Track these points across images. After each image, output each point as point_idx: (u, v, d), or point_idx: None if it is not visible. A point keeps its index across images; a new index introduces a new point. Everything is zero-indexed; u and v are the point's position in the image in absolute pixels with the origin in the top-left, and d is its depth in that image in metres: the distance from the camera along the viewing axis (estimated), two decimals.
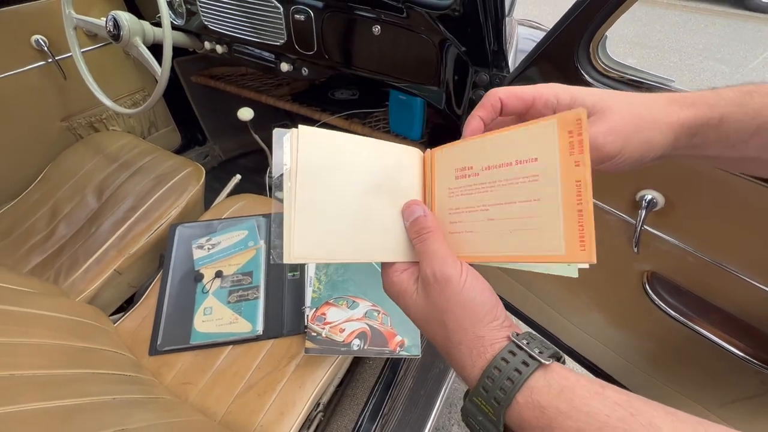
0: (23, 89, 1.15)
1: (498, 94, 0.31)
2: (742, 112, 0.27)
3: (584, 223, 0.24)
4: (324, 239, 0.29)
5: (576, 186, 0.24)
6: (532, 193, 0.26)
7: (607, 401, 0.23)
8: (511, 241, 0.27)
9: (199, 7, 1.07)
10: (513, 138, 0.28)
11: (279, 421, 0.71)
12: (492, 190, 0.28)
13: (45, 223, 1.08)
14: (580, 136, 0.25)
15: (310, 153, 0.29)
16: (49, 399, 0.47)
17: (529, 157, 0.27)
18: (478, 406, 0.27)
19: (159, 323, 0.84)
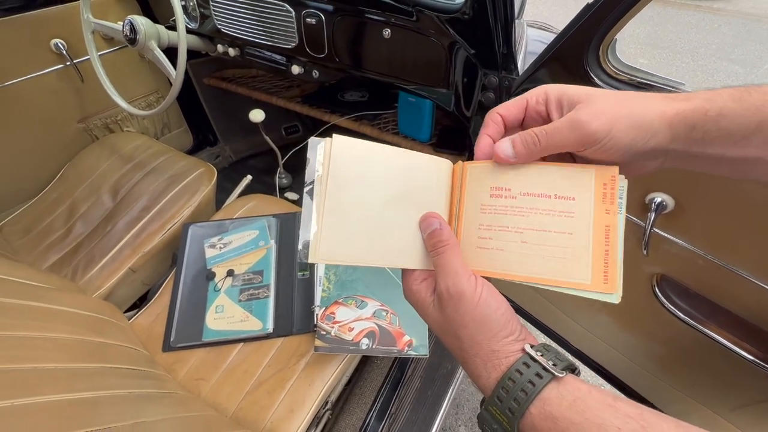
0: (43, 92, 1.18)
1: (497, 111, 0.32)
2: (741, 107, 0.27)
3: (609, 261, 0.28)
4: (348, 243, 0.31)
5: (605, 230, 0.29)
6: (567, 227, 0.30)
7: (619, 413, 0.24)
8: (543, 264, 0.30)
9: (213, 10, 1.09)
10: (554, 173, 0.30)
11: (288, 418, 0.73)
12: (529, 215, 0.30)
13: (62, 222, 1.11)
14: (613, 189, 0.29)
15: (341, 162, 0.30)
16: (70, 391, 0.49)
17: (567, 195, 0.30)
18: (493, 415, 0.28)
19: (172, 320, 0.86)
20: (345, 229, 0.30)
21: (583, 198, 0.29)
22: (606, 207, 0.29)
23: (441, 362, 1.04)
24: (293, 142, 1.63)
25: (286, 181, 1.58)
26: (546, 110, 0.31)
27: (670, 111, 0.27)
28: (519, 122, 0.33)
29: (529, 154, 0.30)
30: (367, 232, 0.31)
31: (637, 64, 0.60)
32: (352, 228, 0.31)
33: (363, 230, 0.31)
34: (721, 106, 0.27)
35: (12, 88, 1.12)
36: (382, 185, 0.32)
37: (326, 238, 0.30)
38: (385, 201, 0.32)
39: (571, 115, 0.28)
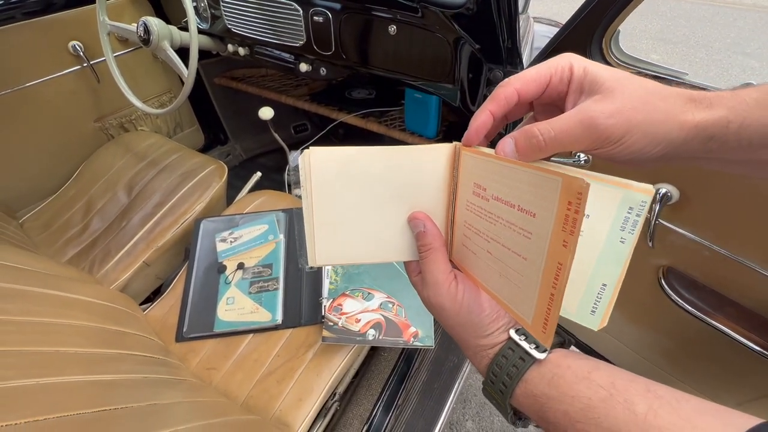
0: (61, 92, 1.22)
1: (513, 84, 0.28)
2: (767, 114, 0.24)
3: (552, 308, 0.23)
4: (343, 246, 0.32)
5: (557, 268, 0.22)
6: (524, 249, 0.25)
7: (592, 384, 0.26)
8: (500, 283, 0.27)
9: (223, 11, 1.12)
10: (524, 177, 0.25)
11: (297, 406, 0.74)
12: (495, 223, 0.27)
13: (80, 218, 1.15)
14: (576, 213, 0.21)
15: (323, 172, 0.31)
16: (90, 373, 0.51)
17: (529, 209, 0.25)
18: (489, 393, 0.31)
19: (185, 311, 0.88)
20: (337, 234, 0.32)
21: (544, 217, 0.23)
22: (564, 237, 0.22)
23: (447, 355, 1.04)
24: (302, 140, 1.66)
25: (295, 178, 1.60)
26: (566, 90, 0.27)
27: (690, 122, 0.25)
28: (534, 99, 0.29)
29: (533, 155, 0.26)
30: (360, 233, 0.32)
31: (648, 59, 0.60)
32: (344, 233, 0.32)
33: (356, 231, 0.32)
34: (744, 116, 0.25)
35: (32, 89, 1.16)
36: (370, 187, 0.32)
37: (320, 245, 0.32)
38: (375, 201, 0.32)
39: (585, 110, 0.25)
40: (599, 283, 0.28)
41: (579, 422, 0.25)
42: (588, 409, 0.25)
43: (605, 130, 0.25)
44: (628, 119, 0.24)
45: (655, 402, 0.23)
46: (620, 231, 0.26)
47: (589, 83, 0.26)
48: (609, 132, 0.25)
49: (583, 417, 0.25)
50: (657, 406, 0.23)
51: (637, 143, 0.25)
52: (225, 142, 1.77)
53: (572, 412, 0.25)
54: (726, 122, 0.25)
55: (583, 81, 0.26)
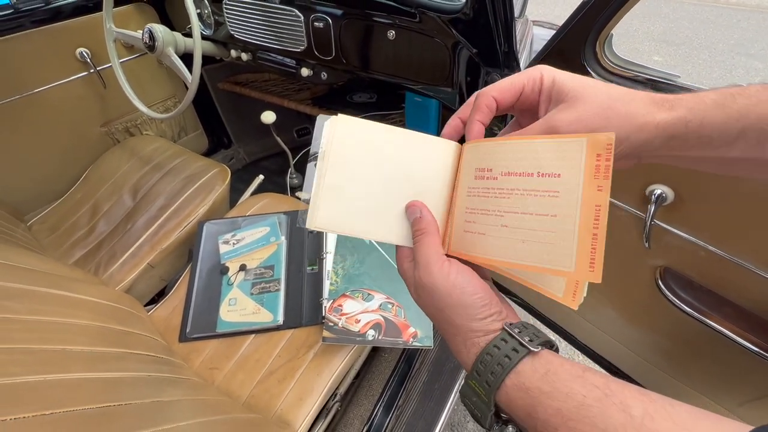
0: (68, 98, 1.25)
1: (490, 93, 0.31)
2: (724, 114, 0.26)
3: (597, 246, 0.25)
4: (344, 215, 0.33)
5: (596, 210, 0.25)
6: (551, 208, 0.26)
7: (586, 383, 0.25)
8: (522, 250, 0.28)
9: (226, 17, 1.14)
10: (537, 148, 0.27)
11: (298, 405, 0.75)
12: (509, 196, 0.28)
13: (86, 220, 1.17)
14: (608, 161, 0.24)
15: (344, 140, 0.32)
16: (95, 371, 0.52)
17: (552, 171, 0.26)
18: (473, 388, 0.29)
19: (188, 312, 0.90)
20: (342, 202, 0.32)
21: (571, 174, 0.26)
22: (598, 183, 0.25)
23: (448, 356, 1.05)
24: (304, 143, 1.67)
25: (297, 181, 1.62)
26: (538, 99, 0.30)
27: (651, 123, 0.27)
28: (511, 106, 0.32)
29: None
30: (362, 207, 0.33)
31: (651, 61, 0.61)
32: (348, 202, 0.32)
33: (359, 205, 0.33)
34: (703, 115, 0.27)
35: (40, 94, 1.19)
36: (383, 164, 0.33)
37: (323, 208, 0.32)
38: (383, 179, 0.33)
39: (549, 119, 0.28)
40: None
41: (572, 420, 0.24)
42: (582, 408, 0.24)
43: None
44: (588, 125, 0.27)
45: (650, 406, 0.23)
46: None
47: (556, 92, 0.29)
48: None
49: (576, 415, 0.24)
50: (652, 410, 0.23)
51: None
52: (228, 146, 1.79)
53: (565, 409, 0.25)
54: (685, 122, 0.27)
55: (551, 90, 0.29)
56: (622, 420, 0.23)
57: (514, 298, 1.06)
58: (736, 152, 0.27)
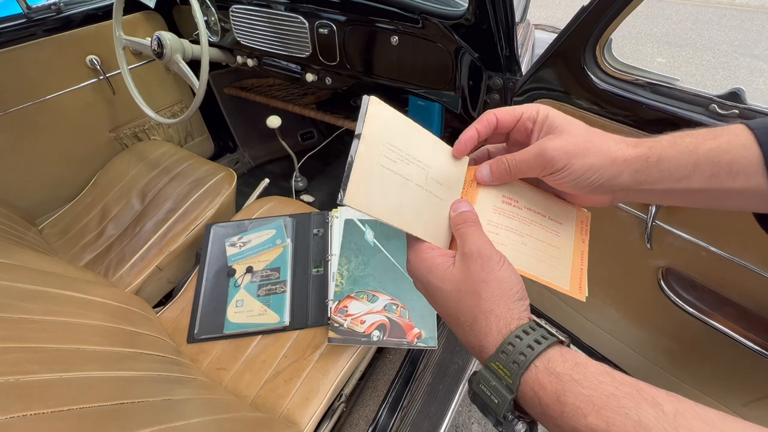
0: (78, 104, 1.28)
1: (494, 112, 0.37)
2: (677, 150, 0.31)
3: (582, 277, 0.38)
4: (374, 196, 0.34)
5: (581, 254, 0.39)
6: (555, 242, 0.38)
7: (615, 379, 0.26)
8: (535, 264, 0.37)
9: (233, 24, 1.16)
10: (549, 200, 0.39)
11: (304, 405, 0.76)
12: (529, 225, 0.37)
13: (96, 224, 1.19)
14: (587, 227, 0.40)
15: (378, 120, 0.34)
16: (108, 370, 0.54)
17: (557, 218, 0.39)
18: (495, 371, 0.29)
19: (196, 314, 0.91)
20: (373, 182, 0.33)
21: (567, 225, 0.39)
22: (582, 237, 0.39)
23: (452, 358, 1.06)
24: (309, 147, 1.69)
25: (302, 185, 1.64)
26: (531, 128, 0.36)
27: (620, 157, 0.32)
28: (509, 128, 0.37)
29: (502, 178, 0.36)
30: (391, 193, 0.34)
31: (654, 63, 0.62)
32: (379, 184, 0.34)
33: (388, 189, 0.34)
34: (660, 152, 0.32)
35: (51, 101, 1.22)
36: (411, 156, 0.35)
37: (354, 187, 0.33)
38: (411, 170, 0.35)
39: (539, 144, 0.34)
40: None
41: (604, 409, 0.24)
42: (614, 398, 0.25)
43: (552, 158, 0.33)
44: (569, 152, 0.32)
45: (680, 405, 0.24)
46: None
47: (548, 125, 0.34)
48: (555, 160, 0.33)
49: (608, 404, 0.24)
50: (682, 409, 0.23)
51: (576, 171, 0.33)
52: (234, 150, 1.82)
53: (596, 398, 0.25)
54: (645, 157, 0.32)
55: (544, 123, 0.35)
56: (654, 414, 0.23)
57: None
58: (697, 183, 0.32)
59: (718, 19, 4.13)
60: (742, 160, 0.30)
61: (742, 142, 0.30)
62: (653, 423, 0.23)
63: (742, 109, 0.53)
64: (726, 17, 4.16)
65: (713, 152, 0.31)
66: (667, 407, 0.24)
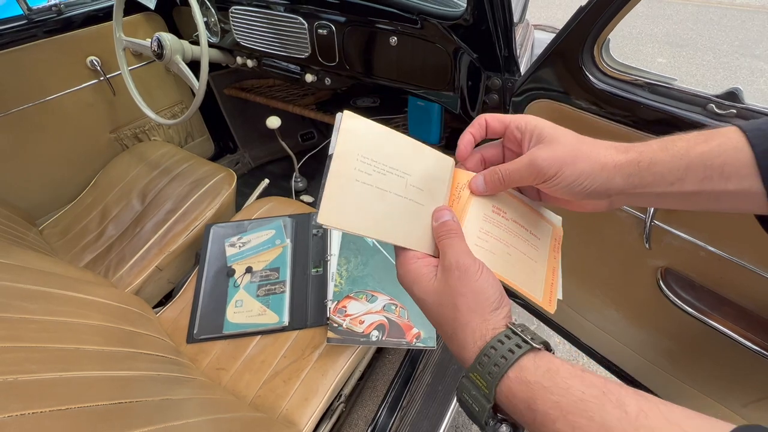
0: (79, 105, 1.28)
1: (484, 117, 0.38)
2: (668, 154, 0.32)
3: (552, 291, 0.40)
4: (350, 213, 0.34)
5: (552, 270, 0.41)
6: (533, 255, 0.40)
7: (585, 381, 0.27)
8: (517, 273, 0.38)
9: (232, 25, 1.16)
10: (532, 215, 0.41)
11: (303, 405, 0.77)
12: (513, 236, 0.39)
13: (96, 224, 1.19)
14: (559, 244, 0.43)
15: (348, 136, 0.34)
16: (107, 369, 0.54)
17: (536, 233, 0.41)
18: (473, 381, 0.30)
19: (195, 314, 0.91)
20: (347, 197, 0.33)
21: (544, 240, 0.42)
22: (554, 254, 0.42)
23: (451, 358, 1.06)
24: (309, 147, 1.70)
25: (302, 185, 1.64)
26: (521, 137, 0.37)
27: (610, 163, 0.33)
28: (498, 134, 0.39)
29: (495, 188, 0.37)
30: (368, 206, 0.34)
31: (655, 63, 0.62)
32: (354, 198, 0.34)
33: (365, 202, 0.34)
34: (651, 156, 0.32)
35: (52, 102, 1.22)
36: (388, 166, 0.35)
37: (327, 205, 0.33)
38: (388, 180, 0.35)
39: (530, 155, 0.35)
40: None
41: (570, 414, 0.26)
42: (581, 402, 0.26)
43: (542, 168, 0.34)
44: (559, 160, 0.33)
45: (645, 404, 0.25)
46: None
47: (537, 134, 0.35)
48: (546, 169, 0.34)
49: (575, 409, 0.26)
50: (647, 408, 0.24)
51: (568, 178, 0.33)
52: (234, 151, 1.82)
53: (564, 403, 0.26)
54: (637, 162, 0.33)
55: (533, 132, 0.36)
56: (617, 415, 0.24)
57: (519, 300, 1.07)
58: (690, 186, 0.32)
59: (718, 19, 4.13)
60: (734, 162, 0.30)
61: (734, 145, 0.31)
62: (615, 424, 0.24)
63: (740, 109, 0.53)
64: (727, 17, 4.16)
65: (705, 155, 0.31)
66: (630, 407, 0.24)
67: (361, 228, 0.34)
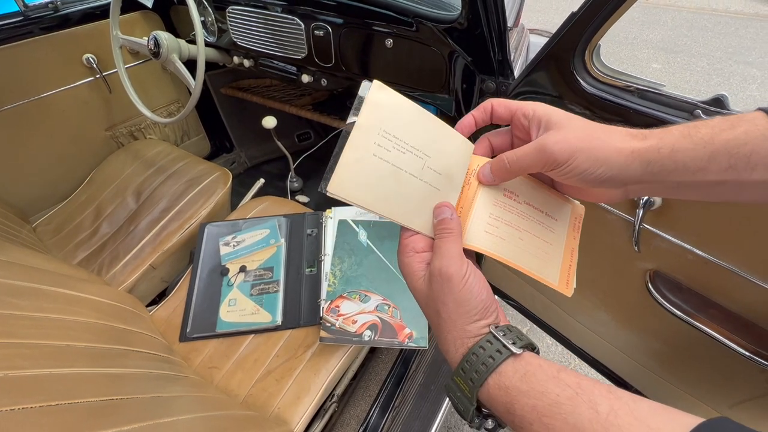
0: (75, 102, 1.28)
1: (491, 101, 0.37)
2: (691, 141, 0.30)
3: (570, 273, 0.39)
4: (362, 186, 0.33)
5: (571, 251, 0.40)
6: (549, 238, 0.39)
7: (560, 383, 0.28)
8: (529, 259, 0.37)
9: (229, 25, 1.17)
10: (547, 195, 0.39)
11: (295, 404, 0.77)
12: (526, 219, 0.38)
13: (90, 222, 1.19)
14: (579, 224, 0.40)
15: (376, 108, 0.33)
16: (98, 366, 0.54)
17: (553, 214, 0.39)
18: (458, 384, 0.32)
19: (189, 313, 0.91)
20: (362, 171, 0.33)
21: (561, 221, 0.40)
22: (574, 234, 0.40)
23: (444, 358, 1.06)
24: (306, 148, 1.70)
25: (297, 185, 1.65)
26: (528, 125, 0.35)
27: (626, 149, 0.31)
28: (504, 120, 0.37)
29: (503, 176, 0.36)
30: (380, 182, 0.33)
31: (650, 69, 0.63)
32: (369, 172, 0.33)
33: (378, 178, 0.33)
34: (672, 143, 0.30)
35: (48, 99, 1.22)
36: (408, 144, 0.34)
37: (341, 175, 0.32)
38: (406, 159, 0.34)
39: (539, 140, 0.33)
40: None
41: (546, 416, 0.27)
42: (555, 405, 0.27)
43: (552, 153, 0.31)
44: (572, 145, 0.31)
45: (616, 403, 0.25)
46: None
47: (545, 122, 0.33)
48: (556, 155, 0.31)
49: (549, 412, 0.27)
50: (617, 407, 0.25)
51: (582, 164, 0.31)
52: (230, 150, 1.82)
53: (540, 406, 0.27)
54: (657, 148, 0.30)
55: (541, 119, 0.34)
56: (589, 416, 0.25)
57: (512, 302, 1.07)
58: (713, 176, 0.30)
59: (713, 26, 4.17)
60: (761, 150, 0.28)
61: (762, 132, 0.29)
62: (587, 425, 0.25)
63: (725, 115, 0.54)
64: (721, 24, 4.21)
65: (730, 143, 0.29)
66: (602, 407, 0.25)
67: (367, 202, 0.33)
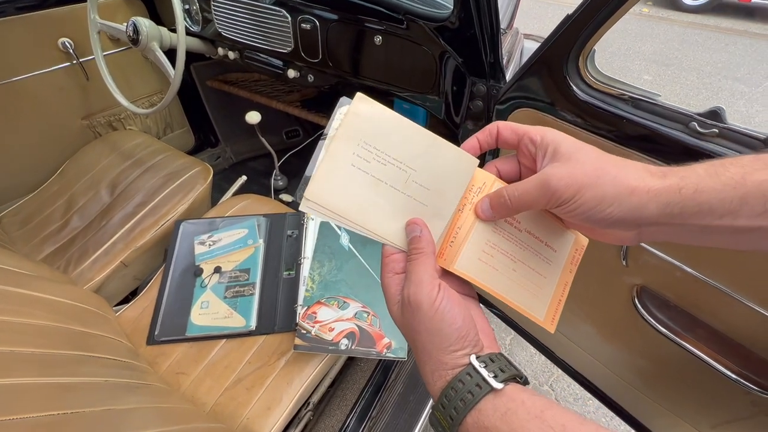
0: (49, 88, 1.22)
1: (497, 124, 0.35)
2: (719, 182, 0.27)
3: (558, 308, 0.36)
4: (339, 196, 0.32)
5: (564, 285, 0.37)
6: (544, 271, 0.36)
7: (543, 424, 0.26)
8: (519, 292, 0.36)
9: (214, 15, 1.12)
10: (551, 223, 0.37)
11: (265, 415, 0.73)
12: (524, 249, 0.36)
13: (60, 215, 1.13)
14: (579, 256, 0.37)
15: (357, 119, 0.32)
16: (44, 375, 0.50)
17: (553, 245, 0.37)
18: (438, 419, 0.30)
19: (158, 314, 0.87)
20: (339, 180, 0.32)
21: (560, 252, 0.37)
22: (570, 267, 0.37)
23: None
24: (294, 145, 1.66)
25: (282, 183, 1.60)
26: (535, 151, 0.32)
27: (642, 187, 0.28)
28: (510, 144, 0.34)
29: (502, 213, 0.33)
30: (357, 192, 0.32)
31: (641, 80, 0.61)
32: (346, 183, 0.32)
33: (355, 189, 0.32)
34: (696, 182, 0.27)
35: (20, 83, 1.16)
36: (390, 156, 0.33)
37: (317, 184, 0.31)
38: (387, 171, 0.33)
39: (542, 174, 0.30)
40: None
41: None
42: None
43: (557, 190, 0.29)
44: (578, 181, 0.28)
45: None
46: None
47: (552, 150, 0.31)
48: (561, 192, 0.29)
49: None
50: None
51: (589, 202, 0.28)
52: (216, 145, 1.77)
53: None
54: (678, 188, 0.27)
55: (548, 146, 0.31)
56: None
57: (496, 311, 1.05)
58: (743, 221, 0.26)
59: (703, 41, 4.24)
60: None
61: None
62: None
63: (722, 129, 0.52)
64: (711, 39, 4.28)
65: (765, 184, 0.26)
66: None
67: (345, 212, 0.32)
